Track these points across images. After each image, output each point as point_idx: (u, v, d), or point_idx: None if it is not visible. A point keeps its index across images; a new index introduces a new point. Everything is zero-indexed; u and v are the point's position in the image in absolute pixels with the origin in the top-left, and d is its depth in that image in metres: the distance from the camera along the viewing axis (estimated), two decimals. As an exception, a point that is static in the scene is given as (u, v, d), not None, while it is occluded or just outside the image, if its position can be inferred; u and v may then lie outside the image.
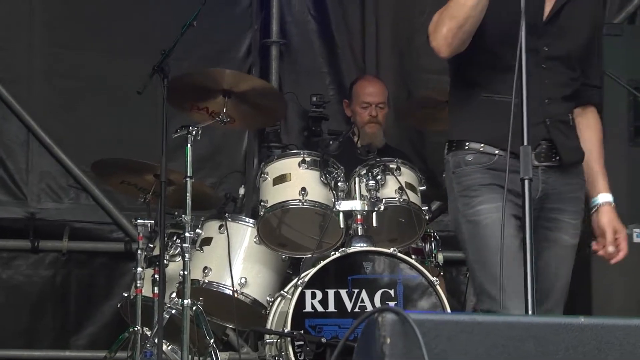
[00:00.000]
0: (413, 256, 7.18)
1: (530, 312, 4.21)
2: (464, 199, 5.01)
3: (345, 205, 7.23)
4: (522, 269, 4.65)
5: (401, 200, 7.25)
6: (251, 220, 7.51)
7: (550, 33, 4.85)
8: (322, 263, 7.03)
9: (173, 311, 7.03)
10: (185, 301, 6.82)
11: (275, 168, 7.45)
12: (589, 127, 5.06)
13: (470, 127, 5.05)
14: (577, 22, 4.87)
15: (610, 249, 4.83)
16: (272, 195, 7.37)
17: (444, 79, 5.35)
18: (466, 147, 5.00)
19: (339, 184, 7.29)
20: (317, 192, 7.31)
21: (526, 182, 4.36)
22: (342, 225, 7.24)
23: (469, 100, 5.09)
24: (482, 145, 4.96)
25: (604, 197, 4.97)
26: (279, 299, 7.22)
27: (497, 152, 4.91)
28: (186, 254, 6.93)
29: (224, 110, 7.30)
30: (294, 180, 7.35)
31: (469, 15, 4.78)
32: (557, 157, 4.86)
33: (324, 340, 6.79)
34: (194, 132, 7.05)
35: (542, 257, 4.76)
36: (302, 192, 7.28)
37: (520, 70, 4.45)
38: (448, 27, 4.80)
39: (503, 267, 4.81)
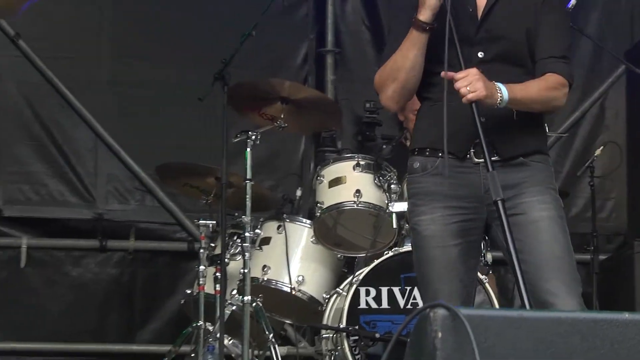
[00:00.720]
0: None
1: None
2: (410, 205, 5.08)
3: (398, 207, 7.23)
4: (454, 280, 4.90)
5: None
6: (308, 221, 7.52)
7: (483, 39, 4.83)
8: (376, 262, 7.05)
9: (234, 307, 7.04)
10: (246, 298, 6.82)
11: (331, 171, 7.46)
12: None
13: (419, 135, 5.09)
14: (509, 21, 4.84)
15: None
16: (328, 197, 7.38)
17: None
18: (416, 153, 5.03)
19: (392, 186, 7.30)
20: (371, 194, 7.31)
21: (499, 202, 4.37)
22: (394, 226, 7.25)
23: (421, 112, 5.12)
24: (428, 149, 4.96)
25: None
26: (335, 296, 7.24)
27: (440, 154, 4.87)
28: (246, 253, 6.93)
29: (282, 116, 7.29)
30: (349, 183, 7.35)
31: (408, 76, 4.85)
32: (495, 152, 4.77)
33: (377, 335, 6.79)
34: (253, 137, 7.07)
35: (521, 240, 4.65)
36: (357, 194, 7.28)
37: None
38: (392, 89, 4.88)
39: (434, 279, 4.93)
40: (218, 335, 6.74)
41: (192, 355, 7.19)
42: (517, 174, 4.81)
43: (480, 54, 4.83)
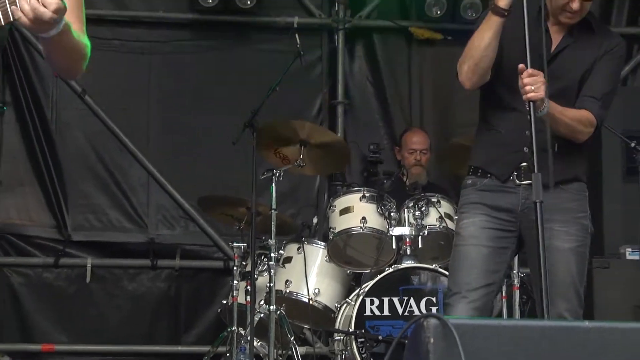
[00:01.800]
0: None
1: (545, 315, 4.17)
2: (459, 214, 5.05)
3: (397, 231, 7.21)
4: (480, 275, 4.84)
5: (441, 227, 7.21)
6: (322, 243, 7.47)
7: (548, 75, 4.65)
8: (379, 276, 7.01)
9: (261, 315, 7.01)
10: (271, 307, 6.84)
11: (341, 202, 7.43)
12: None
13: (474, 154, 5.09)
14: (573, 64, 4.77)
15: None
16: (339, 223, 7.35)
17: (472, 130, 5.31)
18: (471, 171, 5.01)
19: (392, 214, 7.27)
20: (375, 221, 7.28)
21: (538, 204, 4.28)
22: (394, 247, 7.21)
23: (479, 134, 5.09)
24: (479, 168, 4.94)
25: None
26: (345, 305, 7.21)
27: (487, 176, 4.90)
28: (272, 270, 6.96)
29: (300, 157, 7.29)
30: (356, 211, 7.32)
31: (482, 55, 4.76)
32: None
33: (380, 337, 6.76)
34: (277, 174, 7.10)
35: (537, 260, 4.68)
36: (363, 221, 7.25)
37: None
38: (468, 65, 4.80)
39: (463, 269, 4.89)
40: (248, 338, 6.71)
41: (227, 354, 7.16)
42: (553, 200, 4.60)
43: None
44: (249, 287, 6.95)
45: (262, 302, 7.05)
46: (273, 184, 7.08)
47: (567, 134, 4.84)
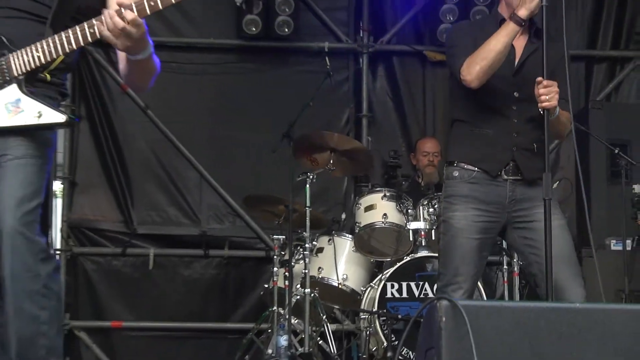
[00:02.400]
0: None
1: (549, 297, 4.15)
2: (446, 203, 4.96)
3: (413, 225, 7.21)
4: (471, 265, 4.81)
5: (451, 222, 7.21)
6: (350, 236, 7.48)
7: (518, 82, 4.74)
8: (398, 264, 7.01)
9: (298, 297, 7.02)
10: (306, 290, 6.87)
11: (366, 200, 7.44)
12: None
13: (460, 151, 4.97)
14: (539, 69, 4.58)
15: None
16: (364, 218, 7.36)
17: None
18: (455, 165, 4.94)
19: (409, 210, 7.27)
20: (394, 216, 7.29)
21: (546, 201, 4.28)
22: (411, 239, 7.21)
23: (460, 133, 5.00)
24: (466, 164, 4.87)
25: None
26: (369, 288, 7.20)
27: (475, 169, 4.84)
28: (306, 259, 7.01)
29: (330, 162, 7.29)
30: (379, 209, 7.33)
31: (497, 58, 4.69)
32: (520, 174, 4.76)
33: (399, 316, 6.74)
34: (310, 177, 7.15)
35: (530, 242, 4.72)
36: (384, 216, 7.27)
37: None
38: (480, 66, 4.71)
39: (456, 260, 4.84)
40: (287, 316, 6.69)
41: (269, 330, 7.19)
42: (533, 190, 4.70)
43: (515, 94, 4.77)
44: (287, 273, 6.93)
45: (298, 286, 7.08)
46: (307, 185, 7.13)
47: (562, 132, 4.87)
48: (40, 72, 3.70)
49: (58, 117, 3.66)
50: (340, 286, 7.33)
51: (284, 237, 7.32)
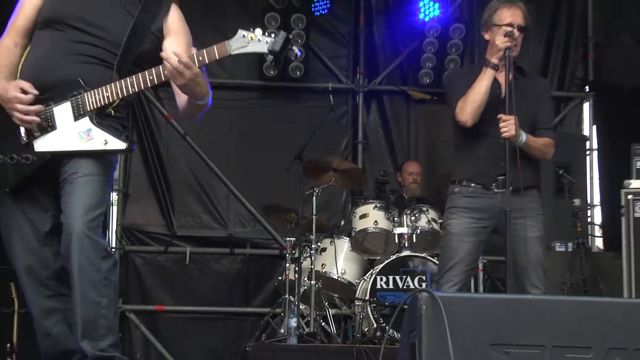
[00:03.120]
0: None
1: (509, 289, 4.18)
2: (447, 213, 4.94)
3: (398, 230, 7.26)
4: (462, 263, 4.77)
5: (429, 227, 7.23)
6: (347, 238, 7.50)
7: (504, 109, 4.66)
8: (386, 261, 7.03)
9: (305, 287, 7.01)
10: (312, 282, 6.87)
11: (360, 210, 7.47)
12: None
13: (460, 171, 4.95)
14: (519, 101, 4.61)
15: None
16: (359, 224, 7.40)
17: (451, 162, 5.27)
18: (455, 182, 4.92)
19: (395, 218, 7.31)
20: (383, 223, 7.32)
21: (507, 212, 4.37)
22: (396, 241, 7.24)
23: (461, 155, 5.00)
24: (465, 180, 4.85)
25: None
26: (362, 281, 7.24)
27: (472, 185, 4.82)
28: (312, 257, 7.03)
29: (332, 179, 7.32)
30: (371, 217, 7.37)
31: (483, 98, 4.71)
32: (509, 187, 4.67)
33: (387, 303, 6.78)
34: (317, 191, 7.19)
35: (517, 247, 4.62)
36: (375, 223, 7.31)
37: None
38: (471, 107, 4.73)
39: (452, 259, 4.80)
40: (296, 303, 6.68)
41: (282, 314, 7.15)
42: (520, 201, 4.61)
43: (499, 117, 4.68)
44: (296, 268, 6.93)
45: (305, 278, 7.06)
46: (314, 197, 7.17)
47: (539, 156, 4.86)
48: (107, 108, 3.75)
49: (120, 145, 3.72)
50: (339, 279, 7.34)
51: (294, 239, 7.30)
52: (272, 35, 3.59)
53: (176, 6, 3.96)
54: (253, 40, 3.60)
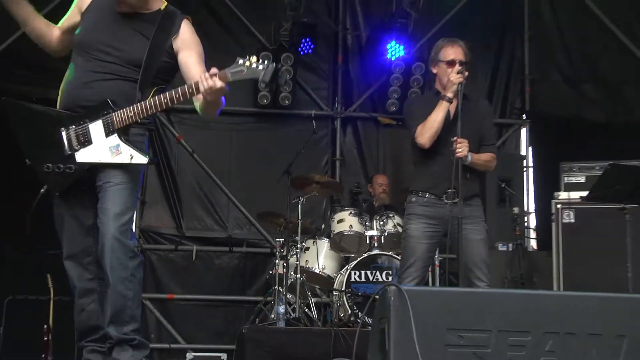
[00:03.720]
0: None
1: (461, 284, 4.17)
2: (406, 219, 4.92)
3: (369, 233, 7.28)
4: (420, 261, 4.75)
5: (395, 231, 7.22)
6: (327, 239, 7.48)
7: (453, 131, 4.63)
8: (359, 258, 7.06)
9: (291, 280, 6.98)
10: (297, 275, 6.86)
11: (338, 215, 7.48)
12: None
13: (417, 183, 4.92)
14: (467, 122, 4.63)
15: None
16: (337, 228, 7.39)
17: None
18: (413, 192, 4.90)
19: (367, 223, 7.33)
20: (357, 227, 7.32)
21: (459, 219, 4.41)
22: (368, 242, 7.24)
23: (417, 170, 4.97)
24: (421, 191, 4.83)
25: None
26: (339, 275, 7.21)
27: (427, 195, 4.80)
28: (298, 254, 7.00)
29: (315, 190, 7.35)
30: (346, 221, 7.37)
31: (438, 127, 4.71)
32: (457, 198, 4.63)
33: (359, 294, 6.78)
34: (302, 199, 7.16)
35: (464, 248, 4.60)
36: (350, 226, 7.32)
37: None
38: (429, 134, 4.74)
39: (411, 258, 4.77)
40: (284, 293, 6.68)
41: (272, 302, 7.09)
42: (468, 209, 4.63)
43: (451, 139, 4.65)
44: (284, 264, 6.93)
45: (292, 272, 7.03)
46: (299, 205, 7.15)
47: (482, 169, 4.85)
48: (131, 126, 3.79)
49: (143, 160, 3.74)
50: (320, 273, 7.33)
51: (283, 239, 7.27)
52: (266, 62, 3.62)
53: (188, 21, 3.95)
54: (249, 68, 3.63)
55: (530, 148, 9.36)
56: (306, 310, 7.10)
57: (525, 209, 8.71)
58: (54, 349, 6.59)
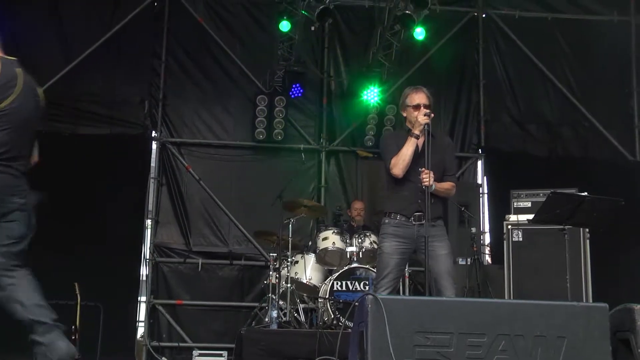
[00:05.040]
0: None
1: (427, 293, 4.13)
2: (380, 237, 4.85)
3: (349, 249, 7.20)
4: (392, 273, 4.68)
5: (371, 247, 7.16)
6: (313, 254, 7.41)
7: (421, 162, 4.63)
8: (341, 270, 6.99)
9: (283, 289, 6.91)
10: (288, 285, 6.77)
11: (323, 234, 7.41)
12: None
13: (389, 206, 4.85)
14: (434, 153, 4.62)
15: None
16: (322, 244, 7.32)
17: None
18: (386, 214, 4.85)
19: (347, 240, 7.27)
20: (339, 244, 7.27)
21: (426, 237, 4.37)
22: (348, 257, 7.19)
23: (389, 195, 4.89)
24: (393, 213, 4.79)
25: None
26: (324, 284, 7.14)
27: (398, 217, 4.76)
28: (288, 267, 6.90)
29: (303, 212, 7.29)
30: (330, 239, 7.31)
31: (408, 160, 4.68)
32: (424, 219, 4.58)
33: (341, 301, 6.72)
34: (292, 220, 7.07)
35: (433, 262, 4.53)
36: (333, 243, 7.26)
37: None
38: (401, 166, 4.69)
39: (384, 272, 4.69)
40: (277, 300, 6.63)
41: (266, 307, 6.96)
42: (433, 229, 4.60)
43: (419, 169, 4.62)
44: (277, 275, 6.89)
45: (283, 282, 6.96)
46: (290, 225, 7.04)
47: (444, 195, 4.83)
48: None
49: None
50: (307, 283, 7.25)
51: (276, 254, 7.22)
52: None
53: None
54: None
55: (485, 177, 9.41)
56: (295, 314, 7.03)
57: (481, 228, 8.74)
58: (80, 346, 6.55)
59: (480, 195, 9.02)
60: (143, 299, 8.55)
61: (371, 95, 8.88)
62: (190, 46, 9.09)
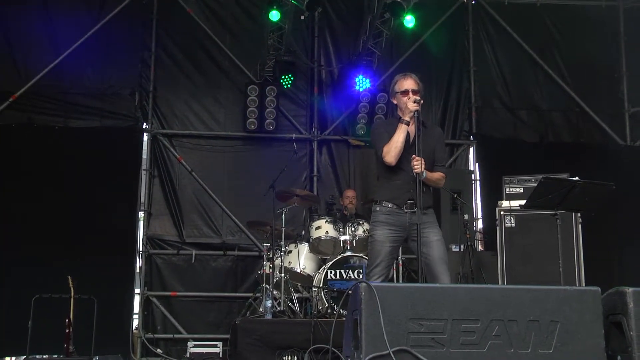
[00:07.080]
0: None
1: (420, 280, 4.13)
2: (372, 225, 4.84)
3: (343, 238, 7.24)
4: (384, 261, 4.67)
5: (364, 235, 7.17)
6: (307, 243, 7.43)
7: (412, 151, 4.59)
8: (334, 259, 7.00)
9: (277, 278, 6.93)
10: (282, 274, 6.79)
11: (316, 223, 7.45)
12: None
13: (380, 194, 4.83)
14: (425, 143, 4.60)
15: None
16: (315, 233, 7.35)
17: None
18: (377, 202, 4.84)
19: (340, 229, 7.28)
20: (332, 232, 7.29)
21: (418, 225, 4.32)
22: (342, 245, 7.20)
23: (381, 183, 4.88)
24: (384, 201, 4.78)
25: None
26: (318, 273, 7.16)
27: (390, 205, 4.75)
28: (282, 257, 6.92)
29: (296, 202, 7.29)
30: (323, 228, 7.33)
31: (400, 146, 4.66)
32: (415, 207, 4.53)
33: (335, 289, 6.72)
34: (285, 210, 7.08)
35: (423, 249, 4.51)
36: (326, 232, 7.27)
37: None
38: (393, 153, 4.66)
39: (376, 259, 4.68)
40: (271, 289, 6.63)
41: (261, 298, 7.01)
42: (424, 216, 4.56)
43: (411, 157, 4.59)
44: (271, 265, 6.89)
45: (277, 272, 6.98)
46: (283, 214, 7.08)
47: (434, 185, 4.82)
48: None
49: None
50: (301, 272, 7.28)
51: (269, 244, 7.22)
52: None
53: None
54: None
55: (477, 164, 9.42)
56: (290, 304, 7.06)
57: (474, 215, 8.76)
58: (74, 339, 6.56)
59: (473, 182, 9.02)
60: (137, 291, 8.54)
61: (362, 83, 8.86)
62: (180, 37, 9.05)
